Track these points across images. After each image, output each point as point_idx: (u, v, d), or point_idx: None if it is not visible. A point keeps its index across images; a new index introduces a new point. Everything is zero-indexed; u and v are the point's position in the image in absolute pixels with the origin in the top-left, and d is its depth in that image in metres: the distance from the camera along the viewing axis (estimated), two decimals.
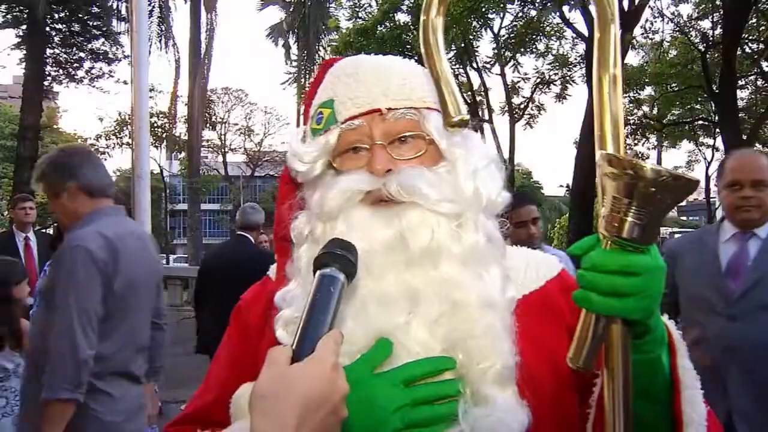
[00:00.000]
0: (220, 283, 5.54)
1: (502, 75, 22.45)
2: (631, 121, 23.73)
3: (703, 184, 26.58)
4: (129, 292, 2.68)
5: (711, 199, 26.74)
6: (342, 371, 0.86)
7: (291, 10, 33.21)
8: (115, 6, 21.10)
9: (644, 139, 24.09)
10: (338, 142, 1.11)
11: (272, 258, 1.25)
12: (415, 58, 1.52)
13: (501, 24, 20.30)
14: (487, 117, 22.49)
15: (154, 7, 25.46)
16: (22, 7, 19.25)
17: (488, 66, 21.96)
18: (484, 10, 17.57)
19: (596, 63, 0.97)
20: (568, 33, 19.54)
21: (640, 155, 23.69)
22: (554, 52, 21.86)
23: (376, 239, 1.04)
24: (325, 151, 1.12)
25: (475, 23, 18.27)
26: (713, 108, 19.10)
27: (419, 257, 1.03)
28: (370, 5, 20.55)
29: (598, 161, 0.89)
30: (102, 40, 22.17)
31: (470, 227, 1.07)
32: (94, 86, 23.57)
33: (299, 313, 0.92)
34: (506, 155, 21.45)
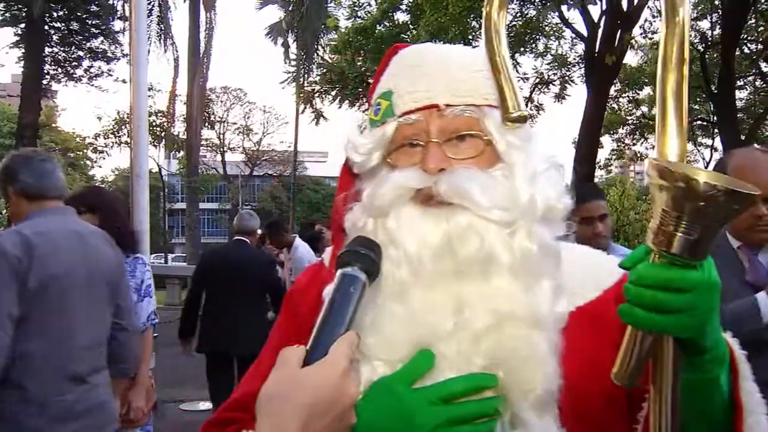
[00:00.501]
0: (216, 283, 5.64)
1: None
2: (630, 121, 23.73)
3: None
4: (54, 289, 2.63)
5: None
6: (354, 376, 0.84)
7: (290, 9, 33.13)
8: (113, 4, 21.10)
9: (643, 139, 24.02)
10: (394, 135, 1.08)
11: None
12: None
13: None
14: None
15: (153, 5, 25.43)
16: (20, 6, 19.25)
17: None
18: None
19: (661, 60, 0.91)
20: (568, 33, 19.54)
21: (639, 155, 23.68)
22: (553, 51, 21.82)
23: (425, 241, 1.00)
24: (381, 144, 1.09)
25: (474, 23, 18.24)
26: (712, 108, 19.09)
27: (467, 266, 0.99)
28: (369, 4, 20.51)
29: (647, 170, 0.83)
30: (101, 38, 22.22)
31: (522, 236, 1.01)
32: (92, 85, 23.65)
33: None
34: None
